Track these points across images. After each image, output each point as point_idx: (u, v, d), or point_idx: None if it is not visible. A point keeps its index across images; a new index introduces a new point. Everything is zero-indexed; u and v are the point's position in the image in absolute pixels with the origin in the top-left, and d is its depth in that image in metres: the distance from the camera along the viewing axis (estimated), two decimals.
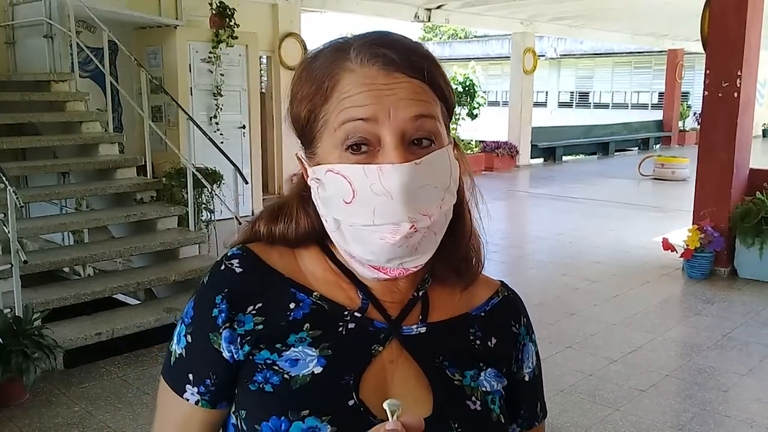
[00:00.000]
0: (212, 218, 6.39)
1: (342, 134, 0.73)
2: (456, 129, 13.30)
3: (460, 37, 35.16)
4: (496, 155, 13.74)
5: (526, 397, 0.89)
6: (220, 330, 0.78)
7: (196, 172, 5.49)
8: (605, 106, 27.78)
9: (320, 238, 0.83)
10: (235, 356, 0.78)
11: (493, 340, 0.86)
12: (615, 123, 19.05)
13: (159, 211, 5.33)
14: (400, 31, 0.79)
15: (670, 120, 19.23)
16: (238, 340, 0.78)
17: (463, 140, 13.38)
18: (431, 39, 35.10)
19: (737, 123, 5.95)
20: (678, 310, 5.53)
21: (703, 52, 6.23)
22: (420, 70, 0.75)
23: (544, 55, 22.05)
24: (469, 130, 14.34)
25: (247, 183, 6.11)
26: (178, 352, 0.81)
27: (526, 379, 0.88)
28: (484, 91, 16.94)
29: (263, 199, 8.86)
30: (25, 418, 3.43)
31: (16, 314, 3.75)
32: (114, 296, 4.92)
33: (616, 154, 17.61)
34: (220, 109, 8.37)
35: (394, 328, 0.81)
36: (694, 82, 22.54)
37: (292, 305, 0.80)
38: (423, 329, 0.82)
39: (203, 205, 6.34)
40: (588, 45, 25.56)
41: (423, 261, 0.76)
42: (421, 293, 0.84)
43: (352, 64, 0.75)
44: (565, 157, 16.50)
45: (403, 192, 0.71)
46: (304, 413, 0.73)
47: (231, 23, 8.18)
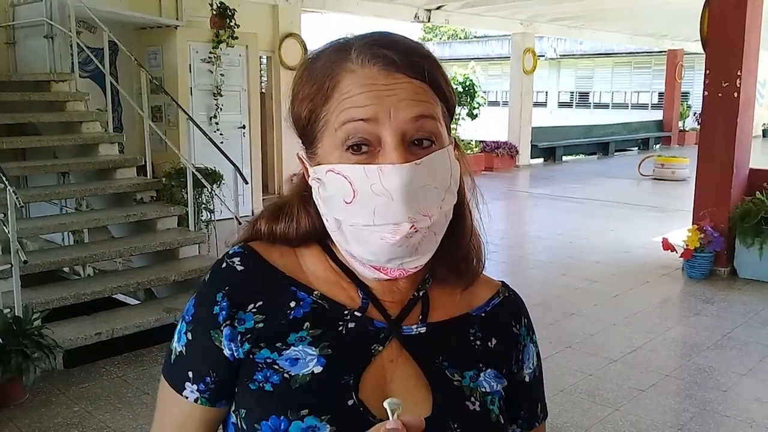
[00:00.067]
0: (212, 218, 6.40)
1: (343, 134, 0.74)
2: (456, 129, 13.29)
3: (460, 38, 35.15)
4: (496, 155, 13.74)
5: (527, 398, 0.89)
6: (221, 327, 0.78)
7: (196, 172, 5.49)
8: (605, 106, 27.79)
9: (321, 238, 0.83)
10: (236, 354, 0.78)
11: (494, 341, 0.86)
12: (615, 123, 19.05)
13: (159, 211, 5.33)
14: (400, 32, 0.79)
15: (670, 120, 19.24)
16: (239, 338, 0.78)
17: (463, 140, 13.37)
18: (431, 39, 35.09)
19: (737, 123, 5.95)
20: (678, 310, 5.53)
21: (703, 52, 6.23)
22: (421, 71, 0.75)
23: (543, 56, 22.05)
24: (469, 130, 14.34)
25: (246, 183, 6.11)
26: (179, 350, 0.81)
27: (527, 379, 0.88)
28: (484, 92, 16.95)
29: (263, 199, 8.86)
30: (24, 418, 3.43)
31: (16, 314, 3.75)
32: (114, 296, 4.92)
33: (616, 154, 17.61)
34: (220, 109, 8.37)
35: (394, 327, 0.81)
36: (694, 82, 22.55)
37: (293, 304, 0.80)
38: (423, 329, 0.82)
39: (203, 205, 6.34)
40: (588, 45, 25.57)
41: (423, 261, 0.77)
42: (421, 293, 0.84)
43: (353, 65, 0.75)
44: (565, 157, 16.50)
45: (404, 192, 0.71)
46: (304, 413, 0.73)
47: (231, 24, 8.19)
